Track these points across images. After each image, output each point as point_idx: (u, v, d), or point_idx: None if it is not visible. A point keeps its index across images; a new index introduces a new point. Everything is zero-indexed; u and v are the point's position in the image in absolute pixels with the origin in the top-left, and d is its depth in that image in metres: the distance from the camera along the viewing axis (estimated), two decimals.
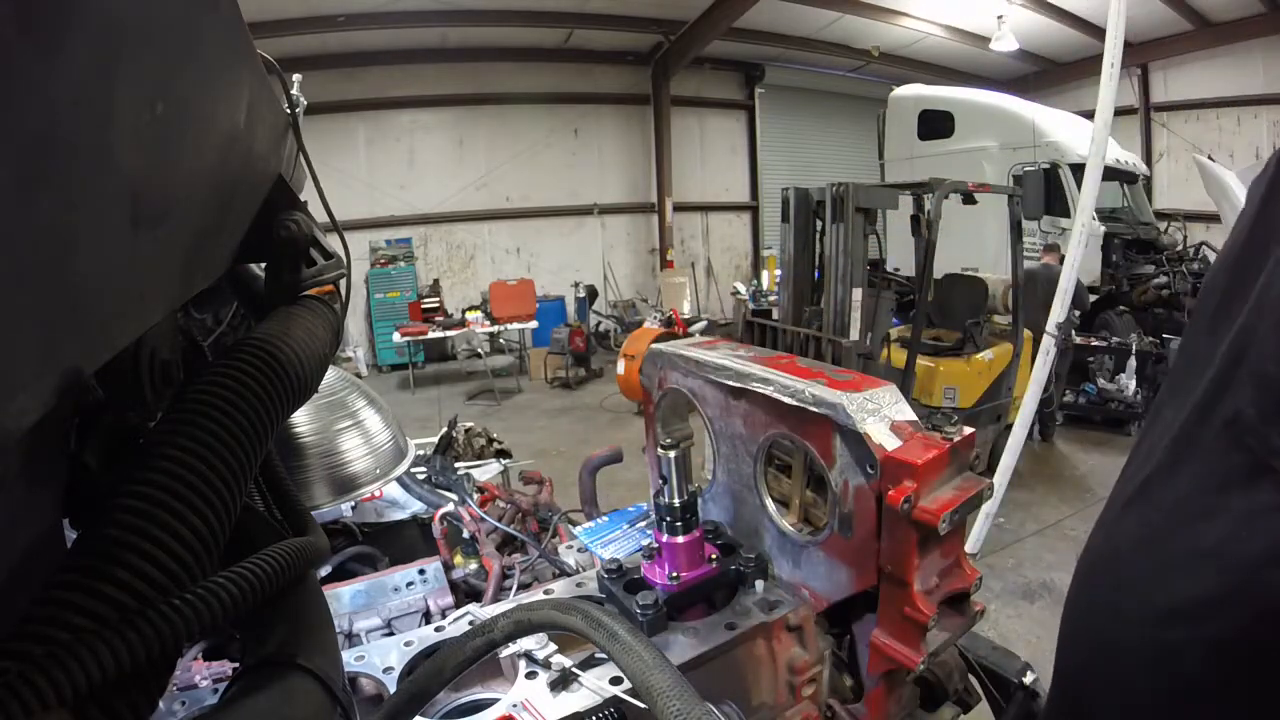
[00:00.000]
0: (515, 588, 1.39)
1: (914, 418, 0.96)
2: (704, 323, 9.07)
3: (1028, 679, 1.21)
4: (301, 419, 1.44)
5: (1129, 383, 6.23)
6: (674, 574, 1.04)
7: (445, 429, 2.40)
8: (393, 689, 0.99)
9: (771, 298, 9.03)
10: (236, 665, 1.09)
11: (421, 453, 2.10)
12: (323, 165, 0.96)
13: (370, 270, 10.18)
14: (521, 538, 1.54)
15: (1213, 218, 8.01)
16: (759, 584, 1.09)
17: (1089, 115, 4.27)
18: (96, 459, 0.49)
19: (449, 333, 9.21)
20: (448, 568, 1.48)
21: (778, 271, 5.55)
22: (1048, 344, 3.82)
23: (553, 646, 0.99)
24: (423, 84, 10.36)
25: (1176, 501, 0.66)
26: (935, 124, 9.25)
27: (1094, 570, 0.76)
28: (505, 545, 1.55)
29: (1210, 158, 7.02)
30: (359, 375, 7.27)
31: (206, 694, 1.06)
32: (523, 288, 9.73)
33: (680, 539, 1.04)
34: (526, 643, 0.97)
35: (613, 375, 7.37)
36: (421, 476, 2.04)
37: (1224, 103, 10.65)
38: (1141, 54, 10.73)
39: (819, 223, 4.32)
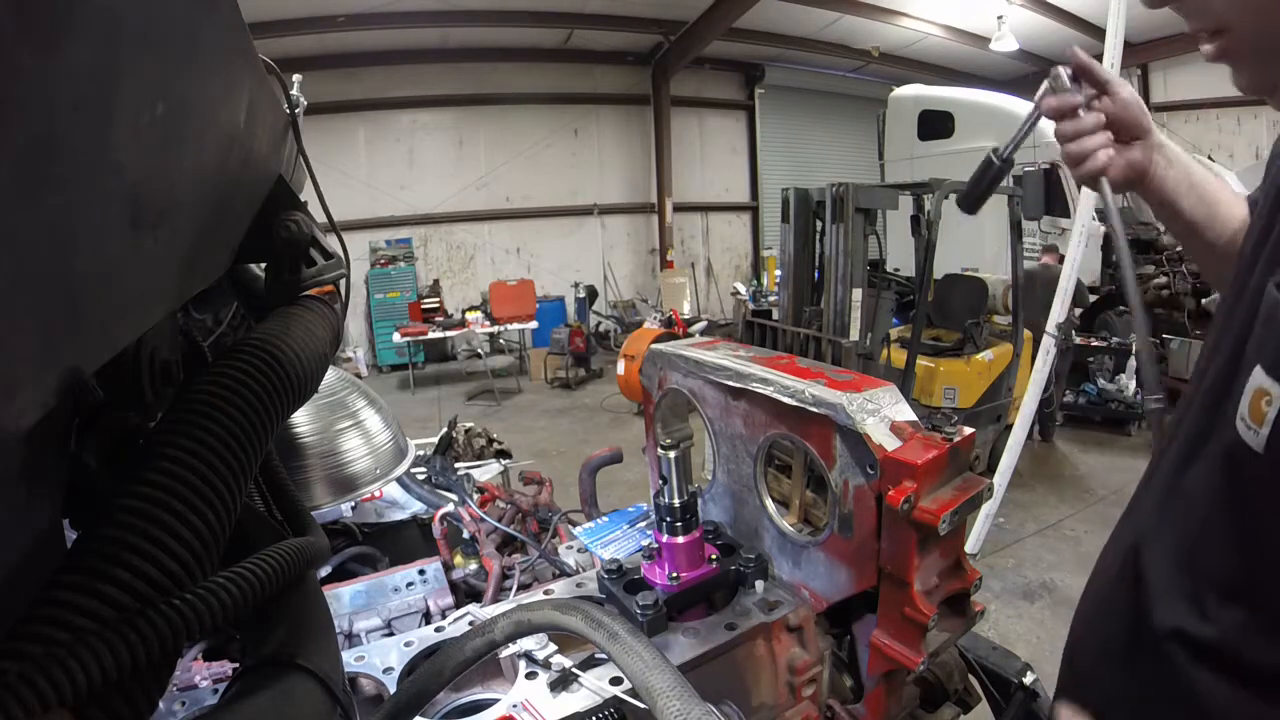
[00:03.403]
0: (515, 588, 1.38)
1: (914, 418, 0.96)
2: (704, 323, 9.06)
3: (1028, 679, 1.21)
4: (301, 419, 1.44)
5: (1129, 383, 6.22)
6: (674, 574, 1.04)
7: (445, 429, 2.40)
8: (393, 689, 0.99)
9: (771, 298, 9.03)
10: (236, 665, 1.09)
11: (421, 453, 2.10)
12: (323, 165, 0.96)
13: (370, 270, 10.18)
14: (521, 538, 1.53)
15: None
16: (759, 584, 1.09)
17: None
18: (96, 459, 0.49)
19: (449, 333, 9.20)
20: (448, 568, 1.48)
21: (778, 271, 5.54)
22: (1048, 344, 3.82)
23: (553, 647, 0.99)
24: (423, 84, 10.36)
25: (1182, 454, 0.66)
26: (935, 124, 9.24)
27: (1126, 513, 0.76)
28: (505, 545, 1.55)
29: (1210, 158, 7.02)
30: (359, 375, 7.28)
31: (206, 694, 1.06)
32: (523, 288, 9.72)
33: (680, 539, 1.04)
34: (526, 643, 0.97)
35: (613, 375, 7.37)
36: (421, 477, 2.04)
37: (1224, 103, 10.64)
38: (1141, 54, 10.73)
39: (819, 223, 4.32)
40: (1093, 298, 7.41)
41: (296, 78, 0.92)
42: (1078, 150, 0.85)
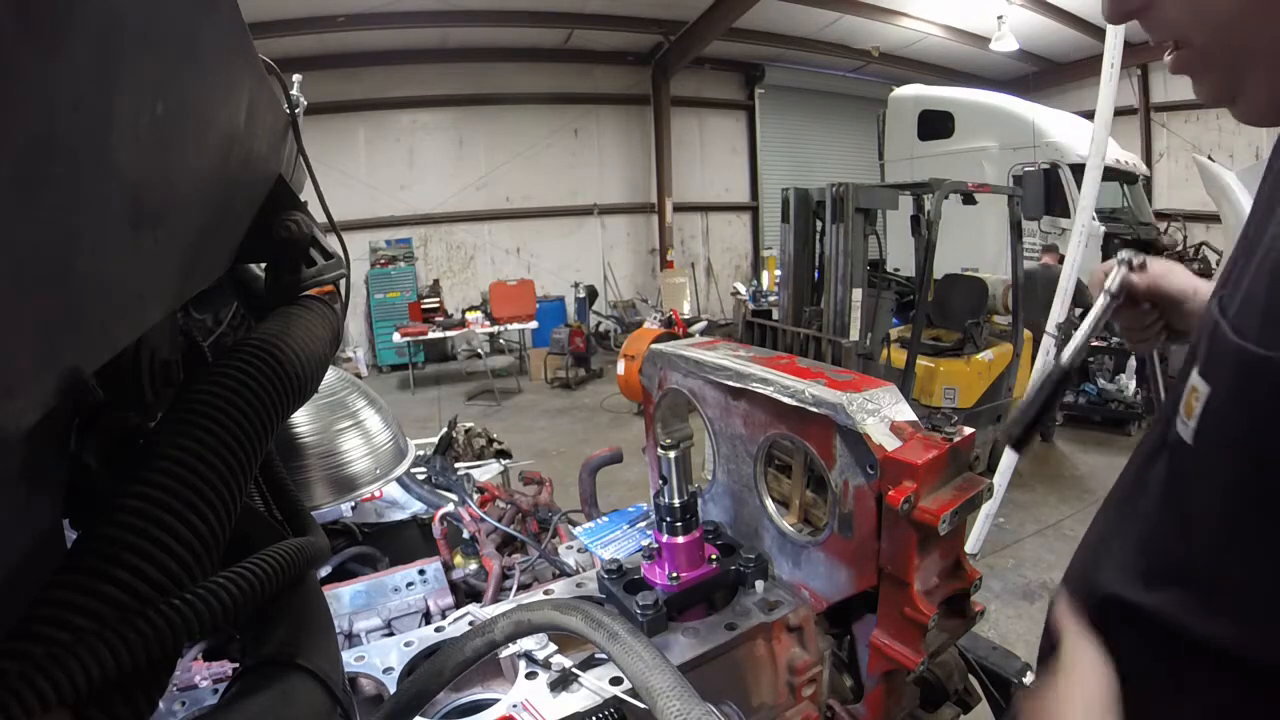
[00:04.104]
0: (515, 588, 1.39)
1: (914, 418, 0.96)
2: (704, 323, 9.06)
3: (1028, 679, 1.21)
4: (301, 419, 1.44)
5: (1129, 383, 6.22)
6: (674, 574, 1.04)
7: (445, 429, 2.40)
8: (393, 689, 0.99)
9: (771, 298, 9.02)
10: (236, 665, 1.09)
11: (421, 453, 2.10)
12: (323, 165, 0.96)
13: (370, 270, 10.18)
14: (521, 538, 1.54)
15: (1213, 218, 7.99)
16: (759, 584, 1.09)
17: (1089, 115, 4.27)
18: (96, 459, 0.49)
19: (449, 333, 9.20)
20: (448, 568, 1.48)
21: (778, 271, 5.55)
22: (1048, 344, 3.82)
23: (553, 647, 0.99)
24: (423, 84, 10.35)
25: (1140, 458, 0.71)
26: (935, 124, 9.25)
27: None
28: (505, 545, 1.55)
29: (1210, 158, 7.01)
30: (359, 375, 7.27)
31: (206, 694, 1.06)
32: (523, 288, 9.72)
33: (680, 539, 1.04)
34: (526, 643, 0.97)
35: (613, 375, 7.37)
36: (421, 477, 2.04)
37: None
38: (1141, 54, 10.69)
39: (819, 223, 4.32)
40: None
41: (296, 78, 0.92)
42: (1138, 339, 1.00)
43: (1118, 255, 0.96)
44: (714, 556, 1.09)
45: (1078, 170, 6.34)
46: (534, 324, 9.50)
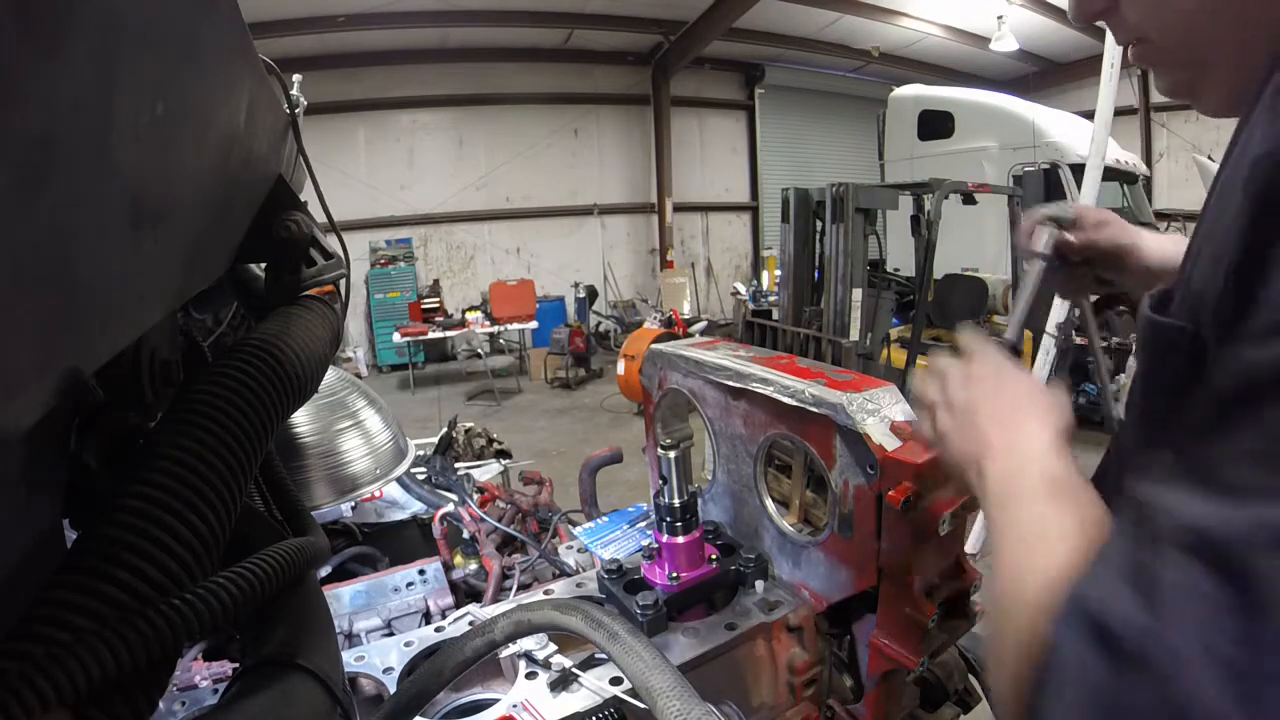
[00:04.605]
0: (515, 588, 1.39)
1: (914, 418, 0.96)
2: (704, 323, 9.05)
3: None
4: (301, 419, 1.44)
5: (1129, 383, 6.22)
6: (674, 574, 1.04)
7: (445, 429, 2.40)
8: (393, 689, 0.99)
9: (771, 298, 9.01)
10: (236, 665, 1.09)
11: (421, 453, 2.10)
12: (323, 165, 0.96)
13: (370, 270, 10.18)
14: (521, 538, 1.54)
15: None
16: (759, 584, 1.09)
17: (1089, 115, 4.26)
18: (96, 459, 0.49)
19: (449, 333, 9.20)
20: (448, 568, 1.48)
21: (778, 271, 5.55)
22: (1048, 344, 3.81)
23: (553, 647, 0.99)
24: (423, 84, 10.35)
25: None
26: (935, 124, 9.23)
27: None
28: (505, 545, 1.55)
29: (1210, 158, 7.02)
30: (359, 375, 7.27)
31: (206, 694, 1.06)
32: (523, 288, 9.72)
33: (680, 539, 1.04)
34: (526, 643, 0.97)
35: (613, 375, 7.37)
36: (421, 477, 2.04)
37: None
38: None
39: (819, 223, 4.32)
40: (1092, 298, 7.40)
41: (296, 78, 0.92)
42: (1067, 290, 1.04)
43: (1040, 211, 0.88)
44: (714, 556, 1.09)
45: (1078, 170, 6.31)
46: (534, 324, 9.50)
